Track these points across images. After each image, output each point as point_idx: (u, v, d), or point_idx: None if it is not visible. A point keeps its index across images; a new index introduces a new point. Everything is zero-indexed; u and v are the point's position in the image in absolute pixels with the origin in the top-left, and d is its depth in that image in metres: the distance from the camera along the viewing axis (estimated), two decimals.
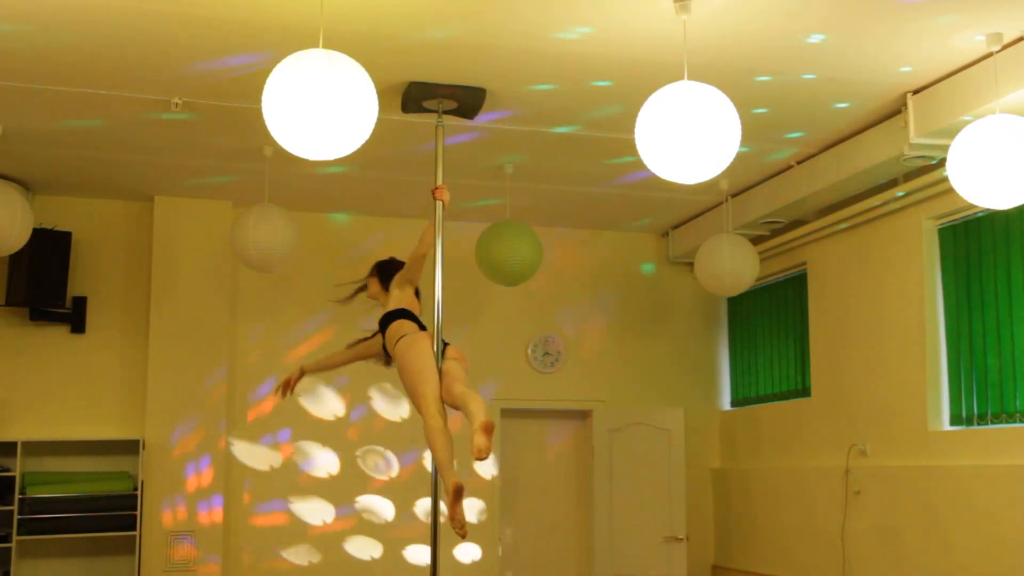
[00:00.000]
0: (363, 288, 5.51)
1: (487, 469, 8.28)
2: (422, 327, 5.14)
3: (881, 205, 6.83)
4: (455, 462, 4.80)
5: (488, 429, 4.48)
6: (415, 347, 4.97)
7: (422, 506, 8.02)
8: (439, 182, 5.38)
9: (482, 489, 8.28)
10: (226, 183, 7.44)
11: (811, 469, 7.60)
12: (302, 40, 4.50)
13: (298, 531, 7.88)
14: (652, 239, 8.98)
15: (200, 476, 7.56)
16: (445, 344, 5.08)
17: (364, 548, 7.96)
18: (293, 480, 7.93)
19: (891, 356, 6.84)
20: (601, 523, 8.44)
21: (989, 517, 5.87)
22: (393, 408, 8.10)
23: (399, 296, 5.22)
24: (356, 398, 8.11)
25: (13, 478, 7.12)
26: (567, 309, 8.69)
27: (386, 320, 5.17)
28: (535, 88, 5.62)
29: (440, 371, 4.93)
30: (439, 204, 5.27)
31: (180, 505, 7.49)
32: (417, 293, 5.34)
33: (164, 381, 7.59)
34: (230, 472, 7.74)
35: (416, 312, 5.22)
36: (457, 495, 4.60)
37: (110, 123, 6.15)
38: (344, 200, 7.94)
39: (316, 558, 7.88)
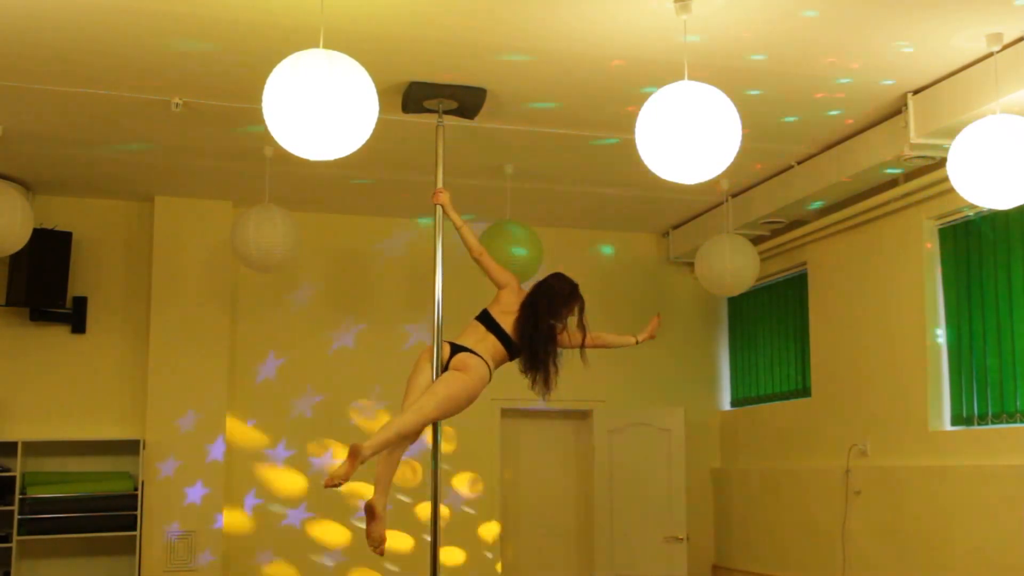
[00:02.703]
0: None
1: (488, 467, 8.29)
2: (491, 327, 5.06)
3: (881, 205, 6.83)
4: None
5: (351, 454, 4.42)
6: (416, 360, 5.03)
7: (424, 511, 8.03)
8: (439, 182, 5.38)
9: (482, 488, 8.29)
10: (226, 183, 7.44)
11: (811, 469, 7.60)
12: (302, 40, 4.50)
13: (299, 532, 7.88)
14: (652, 239, 8.98)
15: (200, 476, 7.55)
16: (456, 350, 5.00)
17: (366, 550, 7.95)
18: (294, 481, 7.93)
19: (891, 356, 6.83)
20: (601, 523, 8.44)
21: (989, 517, 5.87)
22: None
23: (494, 299, 5.21)
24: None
25: (13, 478, 7.12)
26: None
27: None
28: (535, 88, 5.62)
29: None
30: (439, 208, 5.28)
31: (180, 505, 7.48)
32: (528, 294, 5.17)
33: (164, 381, 7.59)
34: (231, 473, 7.74)
35: (496, 311, 5.11)
36: (369, 514, 4.68)
37: (110, 123, 6.15)
38: (344, 200, 7.94)
39: (317, 559, 7.88)
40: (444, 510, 8.07)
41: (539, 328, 5.05)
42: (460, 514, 8.20)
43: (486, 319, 5.10)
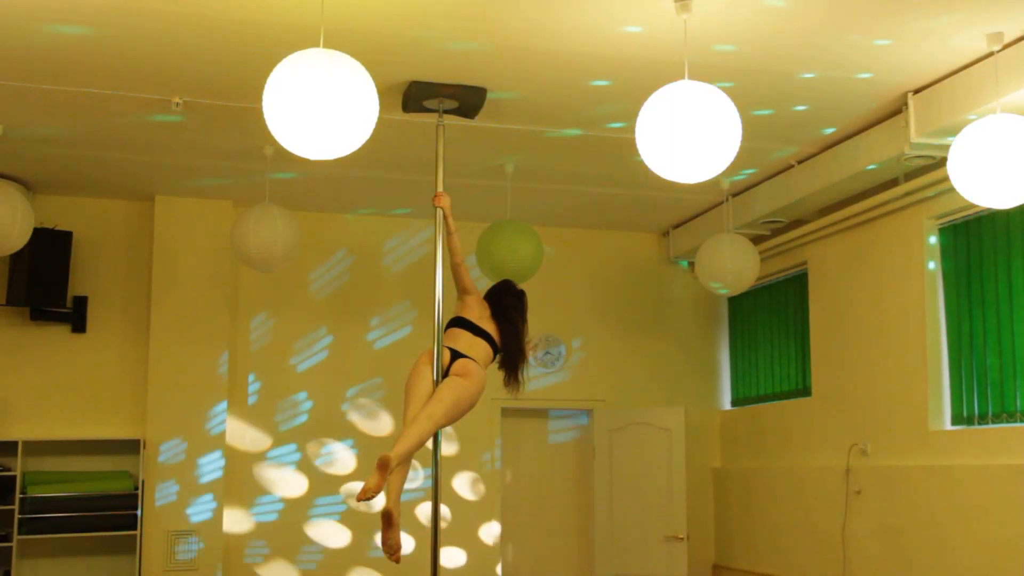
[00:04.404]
0: None
1: (489, 467, 8.30)
2: (478, 332, 5.13)
3: (881, 205, 6.83)
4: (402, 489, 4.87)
5: (380, 465, 4.42)
6: (415, 366, 5.04)
7: (424, 510, 8.03)
8: (439, 182, 5.37)
9: (483, 489, 8.29)
10: (226, 183, 7.44)
11: (811, 469, 7.60)
12: (303, 40, 4.50)
13: (299, 531, 7.89)
14: (652, 239, 8.98)
15: (201, 475, 7.55)
16: (457, 356, 5.02)
17: (367, 547, 7.97)
18: (295, 481, 7.92)
19: (892, 355, 6.83)
20: (601, 523, 8.45)
21: (989, 517, 5.87)
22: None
23: (459, 306, 5.29)
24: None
25: (14, 478, 7.12)
26: (568, 308, 8.69)
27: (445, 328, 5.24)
28: (535, 88, 5.62)
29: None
30: (439, 211, 5.28)
31: (181, 504, 7.49)
32: (493, 301, 5.34)
33: (165, 380, 7.59)
34: (231, 472, 7.73)
35: (474, 316, 5.20)
36: (386, 521, 4.66)
37: (110, 123, 6.15)
38: (344, 200, 7.94)
39: (317, 558, 7.88)
40: (444, 510, 8.07)
41: (520, 332, 5.30)
42: (460, 514, 8.20)
43: (470, 326, 5.17)
